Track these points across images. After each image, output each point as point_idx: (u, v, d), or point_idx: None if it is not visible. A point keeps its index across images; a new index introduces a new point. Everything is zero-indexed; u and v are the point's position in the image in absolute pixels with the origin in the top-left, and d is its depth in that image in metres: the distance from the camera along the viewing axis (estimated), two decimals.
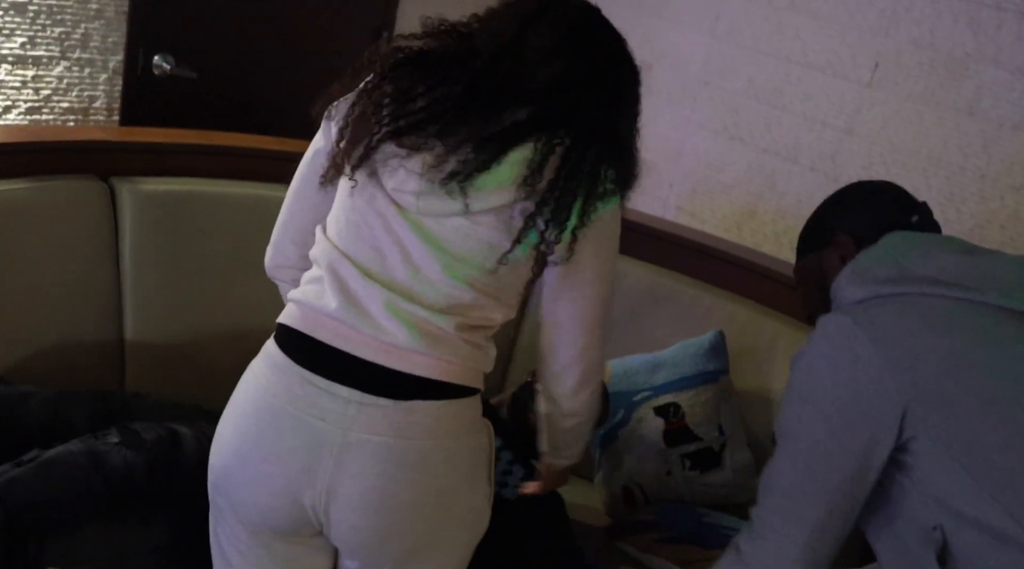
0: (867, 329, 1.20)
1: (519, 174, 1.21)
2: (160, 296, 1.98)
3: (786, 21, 2.73)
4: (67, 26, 2.46)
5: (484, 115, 1.23)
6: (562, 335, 1.34)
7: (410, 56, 1.29)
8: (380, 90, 1.27)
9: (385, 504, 1.23)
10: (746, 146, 2.84)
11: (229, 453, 1.28)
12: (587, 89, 1.28)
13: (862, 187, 1.48)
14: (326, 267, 1.27)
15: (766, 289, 2.18)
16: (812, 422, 1.22)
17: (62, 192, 1.88)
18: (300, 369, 1.24)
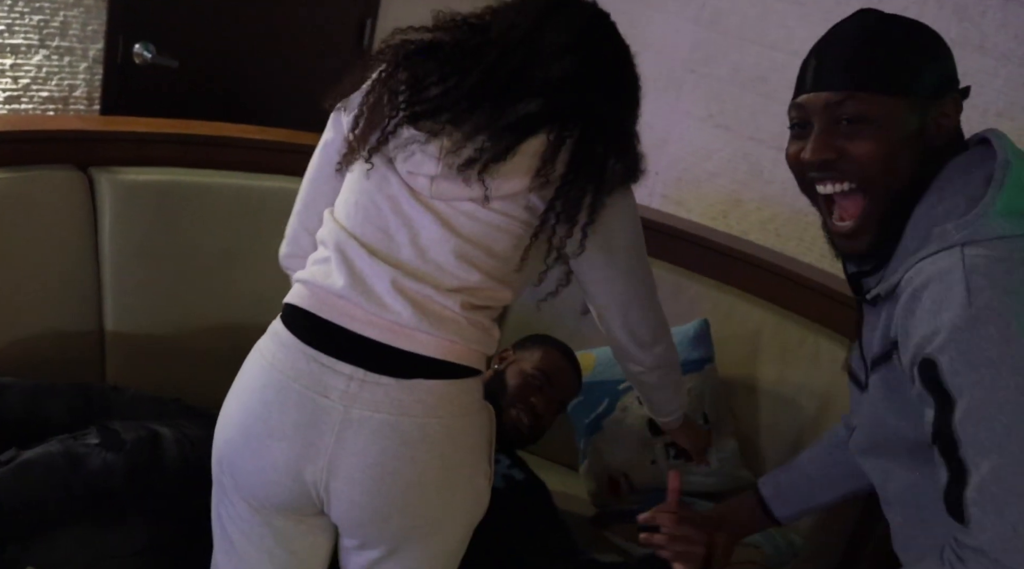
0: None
1: (533, 165, 1.26)
2: (140, 288, 1.97)
3: (771, 8, 2.72)
4: (46, 14, 2.43)
5: (497, 105, 1.27)
6: (614, 315, 1.47)
7: (423, 47, 1.32)
8: (395, 78, 1.31)
9: (385, 481, 1.24)
10: (732, 134, 2.83)
11: (234, 428, 1.30)
12: (597, 86, 1.32)
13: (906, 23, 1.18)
14: (333, 247, 1.30)
15: (752, 277, 2.18)
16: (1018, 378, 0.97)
17: (40, 182, 1.86)
18: (305, 346, 1.26)
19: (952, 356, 1.00)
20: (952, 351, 1.00)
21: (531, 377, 1.90)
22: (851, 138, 1.12)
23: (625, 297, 1.45)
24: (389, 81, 1.31)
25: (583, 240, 1.31)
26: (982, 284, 1.00)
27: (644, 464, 2.03)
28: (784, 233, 2.71)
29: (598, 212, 1.30)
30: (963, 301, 0.99)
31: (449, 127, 1.26)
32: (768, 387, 2.07)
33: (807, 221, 2.67)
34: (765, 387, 2.08)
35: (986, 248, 1.02)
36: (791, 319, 2.09)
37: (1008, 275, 1.00)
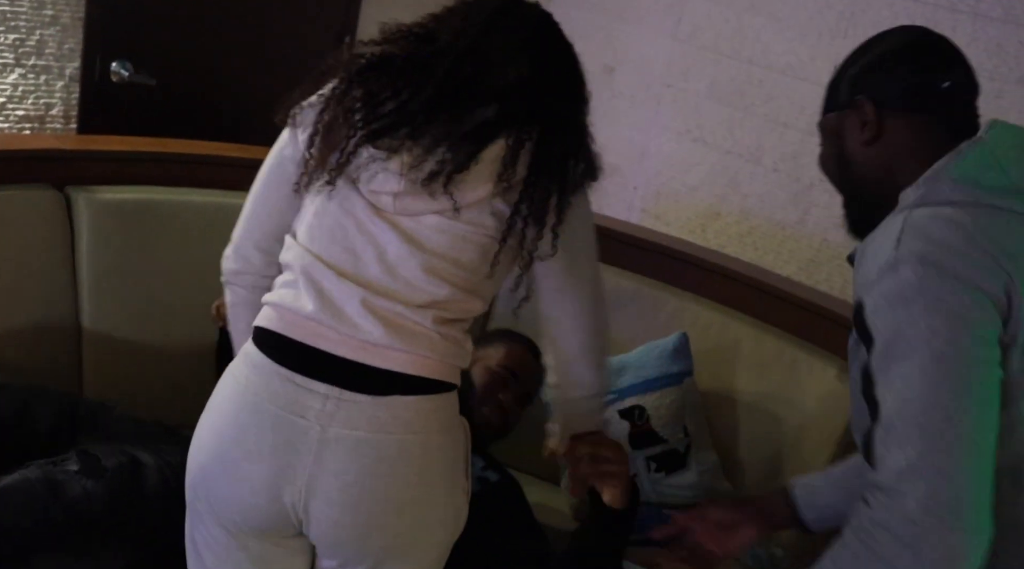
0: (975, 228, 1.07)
1: (495, 170, 1.25)
2: (118, 307, 1.96)
3: (747, 23, 2.75)
4: (21, 32, 2.42)
5: (454, 115, 1.26)
6: (570, 327, 1.42)
7: (374, 61, 1.30)
8: (349, 95, 1.28)
9: (364, 498, 1.24)
10: (709, 148, 2.86)
11: (208, 453, 1.28)
12: (550, 86, 1.32)
13: (892, 37, 1.29)
14: (300, 270, 1.28)
15: (730, 291, 2.20)
16: (930, 316, 1.04)
17: (16, 202, 1.85)
18: (278, 367, 1.25)
19: (874, 297, 1.07)
20: (875, 292, 1.07)
21: (497, 374, 1.89)
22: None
23: (586, 306, 1.41)
24: (344, 99, 1.28)
25: (554, 241, 1.30)
26: (913, 234, 1.07)
27: None
28: (762, 246, 2.73)
29: (565, 212, 1.30)
30: (892, 247, 1.07)
31: (408, 142, 1.25)
32: (747, 399, 2.08)
33: (784, 234, 2.70)
34: (744, 399, 2.09)
35: (932, 210, 1.10)
36: (769, 331, 2.10)
37: (940, 230, 1.07)
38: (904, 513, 1.02)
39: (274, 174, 1.38)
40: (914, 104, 1.22)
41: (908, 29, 1.31)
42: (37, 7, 2.43)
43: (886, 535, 1.04)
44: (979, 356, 1.03)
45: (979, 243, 1.06)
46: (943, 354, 1.03)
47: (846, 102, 1.26)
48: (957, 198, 1.11)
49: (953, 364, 1.03)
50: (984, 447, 1.03)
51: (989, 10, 2.32)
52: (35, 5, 2.42)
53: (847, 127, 1.26)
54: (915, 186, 1.15)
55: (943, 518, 1.01)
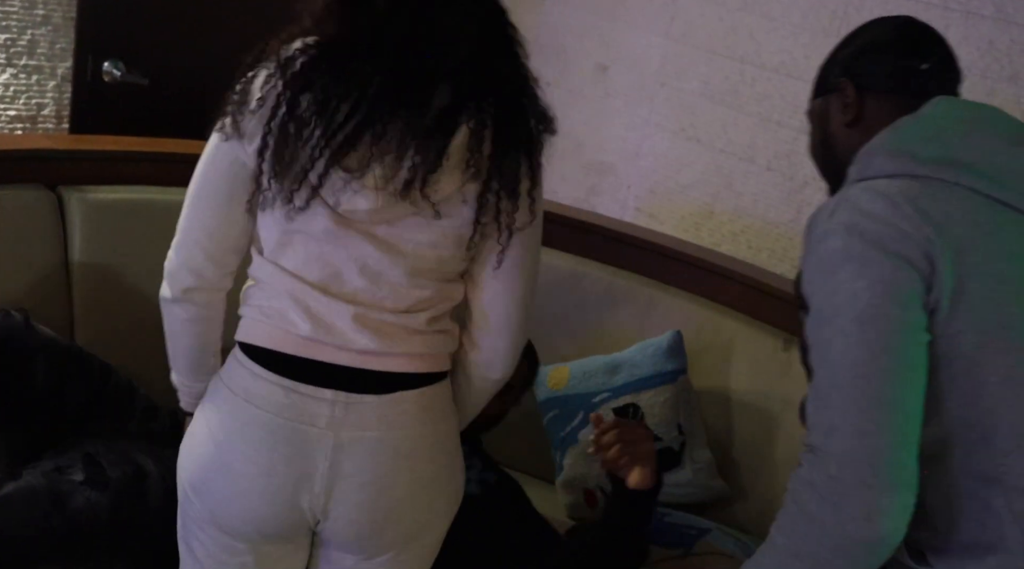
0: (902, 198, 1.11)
1: (463, 159, 1.21)
2: (111, 307, 1.95)
3: (740, 22, 2.75)
4: (12, 32, 2.41)
5: (413, 106, 1.18)
6: (508, 306, 1.33)
7: (313, 57, 1.19)
8: (297, 103, 1.17)
9: (382, 495, 1.25)
10: (703, 147, 2.86)
11: (214, 471, 1.26)
12: (500, 54, 1.26)
13: (883, 24, 1.36)
14: (283, 292, 1.24)
15: (724, 289, 2.20)
16: (853, 282, 1.08)
17: (8, 202, 1.84)
18: (280, 378, 1.24)
19: (807, 266, 1.14)
20: (808, 262, 1.14)
21: None
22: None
23: (528, 285, 1.33)
24: (293, 108, 1.16)
25: (532, 205, 1.27)
26: (844, 206, 1.13)
27: None
28: (756, 244, 2.73)
29: (538, 175, 1.27)
30: (825, 219, 1.13)
31: (374, 149, 1.17)
32: (741, 397, 2.08)
33: (778, 232, 2.70)
34: (738, 397, 2.09)
35: (867, 183, 1.16)
36: (764, 330, 2.10)
37: (868, 201, 1.12)
38: (827, 470, 1.07)
39: (224, 185, 1.25)
40: (894, 86, 1.26)
41: (893, 18, 1.37)
42: (28, 7, 2.42)
43: (812, 492, 1.08)
44: (900, 319, 1.08)
45: (905, 212, 1.10)
46: (864, 317, 1.07)
47: (831, 86, 1.31)
48: (891, 170, 1.16)
49: (874, 327, 1.07)
50: (906, 407, 1.07)
51: (980, 8, 2.32)
52: (26, 5, 2.41)
53: (831, 110, 1.31)
54: (855, 162, 1.21)
55: (861, 475, 1.05)
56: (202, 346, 1.34)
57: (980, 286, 1.10)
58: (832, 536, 1.07)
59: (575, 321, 2.23)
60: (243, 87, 1.22)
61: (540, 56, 3.17)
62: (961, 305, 1.09)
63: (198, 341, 1.34)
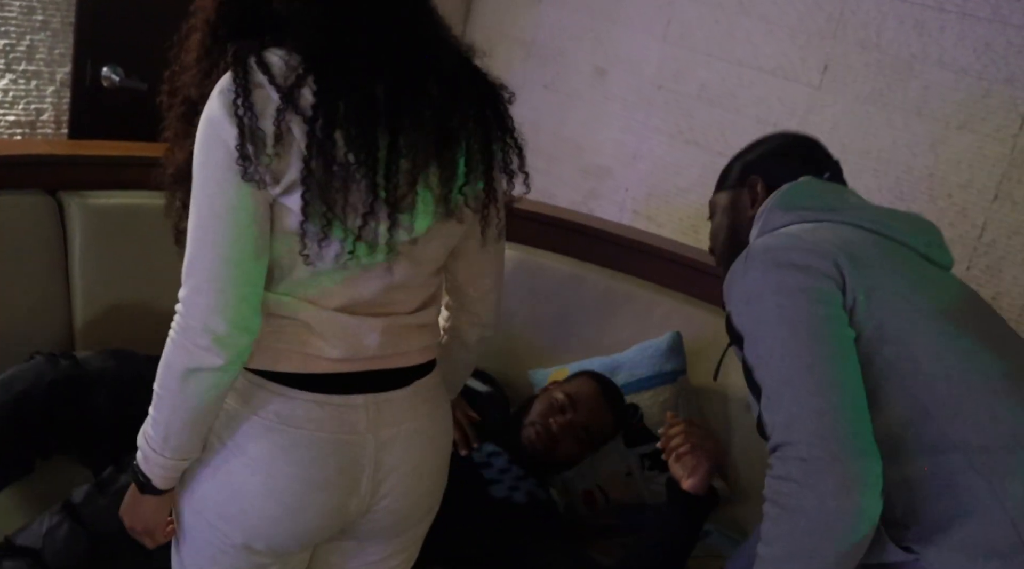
0: (802, 231, 1.32)
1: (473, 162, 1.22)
2: (111, 312, 1.95)
3: (737, 25, 2.76)
4: (11, 38, 2.42)
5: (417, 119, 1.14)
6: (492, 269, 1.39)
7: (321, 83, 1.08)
8: (333, 144, 1.08)
9: (420, 480, 1.32)
10: (701, 149, 2.86)
11: (259, 498, 1.20)
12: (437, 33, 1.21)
13: (784, 137, 1.61)
14: (304, 322, 1.19)
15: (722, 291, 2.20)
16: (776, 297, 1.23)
17: (9, 208, 1.85)
18: (314, 395, 1.21)
19: (733, 303, 1.29)
20: (733, 299, 1.29)
21: (553, 399, 1.94)
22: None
23: (503, 247, 1.39)
24: (328, 147, 1.07)
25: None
26: (755, 251, 1.29)
27: (619, 476, 2.04)
28: None
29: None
30: (741, 261, 1.29)
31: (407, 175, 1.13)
32: (740, 399, 2.09)
33: None
34: (737, 399, 2.09)
35: (770, 236, 1.34)
36: None
37: (775, 239, 1.30)
38: (796, 456, 1.14)
39: (259, 230, 1.12)
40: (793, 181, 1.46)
41: (790, 133, 1.63)
42: (27, 12, 2.42)
43: (787, 485, 1.15)
44: (824, 315, 1.21)
45: (807, 239, 1.28)
46: (792, 320, 1.20)
47: (740, 181, 1.53)
48: (787, 221, 1.37)
49: (803, 325, 1.20)
50: (850, 387, 1.18)
51: (976, 9, 2.33)
52: (25, 10, 2.42)
53: (740, 201, 1.52)
54: (753, 224, 1.43)
55: (829, 450, 1.12)
56: (216, 414, 1.21)
57: (887, 282, 1.25)
58: (815, 520, 1.12)
59: (575, 323, 2.23)
60: (248, 118, 1.06)
61: (537, 59, 3.20)
62: (875, 299, 1.23)
63: (216, 411, 1.20)
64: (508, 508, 1.78)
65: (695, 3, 2.84)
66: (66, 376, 1.69)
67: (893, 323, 1.22)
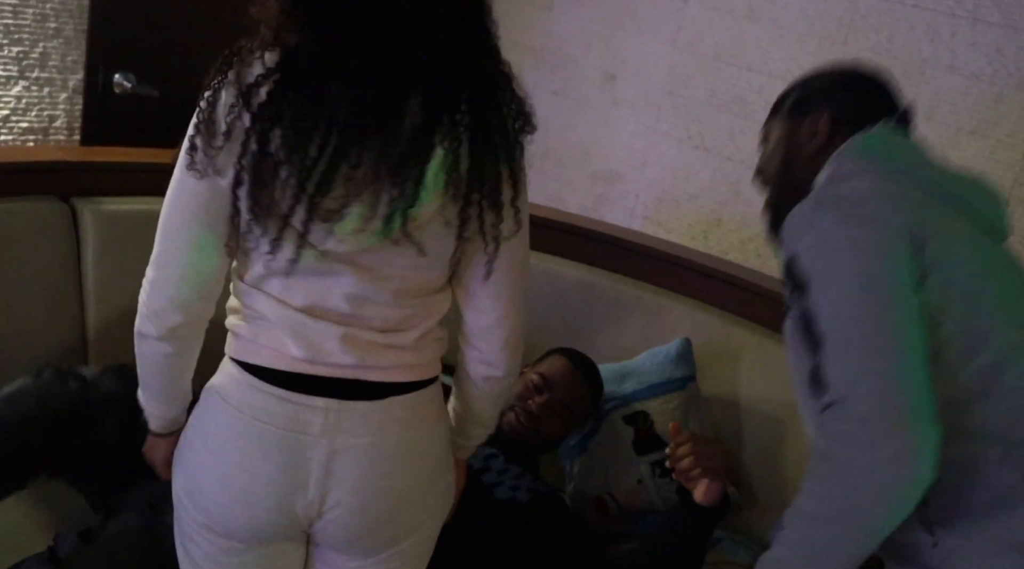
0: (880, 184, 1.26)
1: (440, 181, 1.16)
2: (124, 318, 1.94)
3: (746, 30, 2.76)
4: (25, 45, 2.43)
5: (385, 130, 1.12)
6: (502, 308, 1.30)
7: (278, 83, 1.11)
8: (268, 141, 1.10)
9: (374, 498, 1.26)
10: (710, 155, 2.86)
11: (212, 482, 1.26)
12: (471, 51, 1.17)
13: (854, 69, 1.47)
14: (275, 319, 1.22)
15: (732, 297, 2.20)
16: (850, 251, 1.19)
17: (23, 214, 1.85)
18: (274, 388, 1.23)
19: (803, 247, 1.23)
20: (802, 244, 1.23)
21: (530, 380, 1.94)
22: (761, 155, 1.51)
23: (519, 284, 1.30)
24: (264, 146, 1.10)
25: (517, 215, 1.23)
26: (826, 191, 1.27)
27: (630, 483, 2.04)
28: (764, 253, 2.74)
29: (521, 180, 1.22)
30: (812, 203, 1.25)
31: (350, 187, 1.12)
32: (751, 405, 2.08)
33: None
34: (748, 405, 2.09)
35: (845, 185, 1.28)
36: (772, 338, 2.10)
37: (850, 188, 1.26)
38: (856, 417, 1.11)
39: (206, 219, 1.19)
40: (864, 121, 1.36)
41: (860, 65, 1.49)
42: (40, 20, 2.44)
43: (841, 444, 1.12)
44: (898, 279, 1.17)
45: (885, 192, 1.24)
46: (868, 279, 1.17)
47: (801, 111, 1.42)
48: (862, 169, 1.30)
49: (878, 286, 1.16)
50: (918, 355, 1.14)
51: (988, 15, 2.33)
52: (38, 18, 2.43)
53: (799, 134, 1.41)
54: (825, 168, 1.34)
55: (892, 416, 1.09)
56: (180, 376, 1.31)
57: (955, 258, 1.21)
58: (866, 483, 1.09)
59: (584, 329, 2.23)
60: (207, 112, 1.14)
61: (547, 65, 3.20)
62: (941, 273, 1.19)
63: (178, 373, 1.31)
64: (514, 508, 1.78)
65: (705, 9, 2.84)
66: (72, 403, 1.63)
67: (955, 302, 1.19)
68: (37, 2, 2.41)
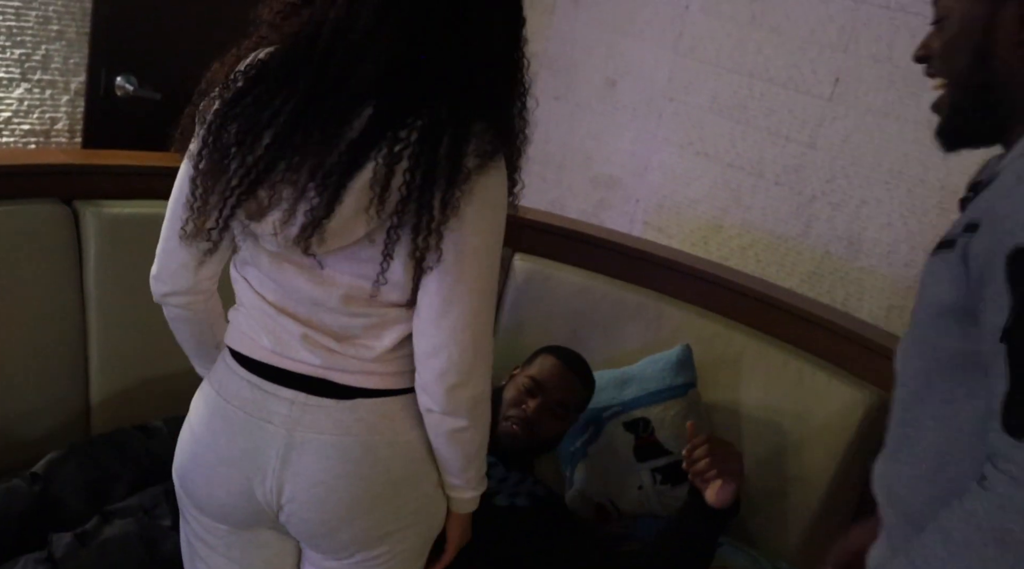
0: None
1: (365, 202, 1.12)
2: (125, 320, 1.96)
3: (748, 37, 2.76)
4: (27, 47, 2.43)
5: (324, 138, 1.11)
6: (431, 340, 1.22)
7: (251, 77, 1.17)
8: (225, 132, 1.16)
9: (331, 498, 1.26)
10: (711, 161, 2.87)
11: (186, 456, 1.33)
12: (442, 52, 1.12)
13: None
14: (250, 307, 1.30)
15: (733, 303, 2.20)
16: None
17: (24, 216, 1.85)
18: (248, 374, 1.29)
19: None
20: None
21: (521, 384, 1.94)
22: (934, 35, 1.12)
23: (465, 317, 1.19)
24: (220, 136, 1.15)
25: (439, 243, 1.14)
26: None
27: (631, 490, 2.04)
28: (764, 259, 2.74)
29: (452, 208, 1.13)
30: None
31: (273, 190, 1.14)
32: (751, 412, 2.09)
33: (787, 247, 2.71)
34: (748, 412, 2.09)
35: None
36: (773, 344, 2.11)
37: None
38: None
39: (179, 198, 1.26)
40: None
41: None
42: (43, 22, 2.44)
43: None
44: None
45: None
46: None
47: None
48: None
49: None
50: None
51: None
52: (41, 20, 2.43)
53: (1003, 18, 1.03)
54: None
55: None
56: (197, 340, 1.40)
57: None
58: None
59: (584, 335, 2.23)
60: (195, 102, 1.23)
61: (548, 71, 3.20)
62: None
63: (191, 336, 1.40)
64: (514, 514, 1.79)
65: (707, 15, 2.85)
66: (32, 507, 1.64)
67: None
68: (40, 4, 2.42)
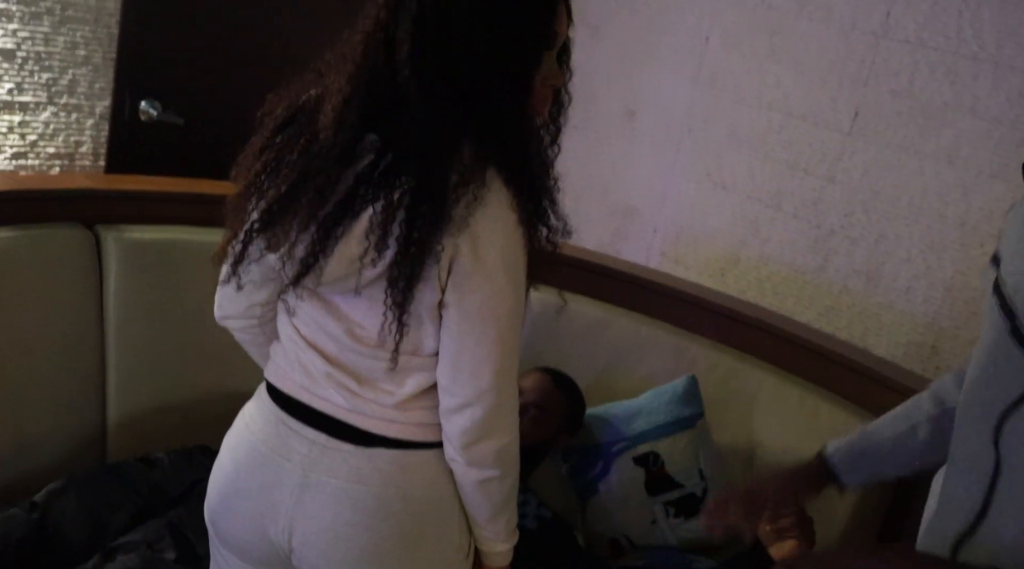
0: None
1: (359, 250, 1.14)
2: (145, 345, 1.97)
3: (767, 70, 2.77)
4: (55, 72, 2.47)
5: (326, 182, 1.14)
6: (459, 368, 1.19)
7: (288, 115, 1.22)
8: (257, 163, 1.22)
9: (338, 545, 1.24)
10: (729, 193, 2.87)
11: (215, 488, 1.34)
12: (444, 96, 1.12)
13: None
14: (288, 340, 1.31)
15: (750, 338, 2.19)
16: None
17: (47, 240, 1.88)
18: (278, 410, 1.29)
19: None
20: None
21: None
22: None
23: (480, 382, 1.17)
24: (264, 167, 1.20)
25: (461, 286, 1.15)
26: None
27: (644, 524, 2.02)
28: (781, 291, 2.73)
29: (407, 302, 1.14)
30: None
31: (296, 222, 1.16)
32: (766, 446, 2.07)
33: (804, 279, 2.69)
34: (763, 446, 2.08)
35: None
36: (790, 380, 2.09)
37: None
38: None
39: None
40: None
41: None
42: (70, 47, 2.48)
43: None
44: None
45: None
46: None
47: None
48: None
49: None
50: None
51: (1011, 59, 2.33)
52: (68, 46, 2.47)
53: None
54: None
55: None
56: (262, 359, 1.41)
57: None
58: None
59: (600, 368, 2.23)
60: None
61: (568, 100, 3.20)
62: None
63: (255, 356, 1.42)
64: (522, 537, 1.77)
65: (726, 47, 2.86)
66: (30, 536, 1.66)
67: None
68: (68, 31, 2.46)
